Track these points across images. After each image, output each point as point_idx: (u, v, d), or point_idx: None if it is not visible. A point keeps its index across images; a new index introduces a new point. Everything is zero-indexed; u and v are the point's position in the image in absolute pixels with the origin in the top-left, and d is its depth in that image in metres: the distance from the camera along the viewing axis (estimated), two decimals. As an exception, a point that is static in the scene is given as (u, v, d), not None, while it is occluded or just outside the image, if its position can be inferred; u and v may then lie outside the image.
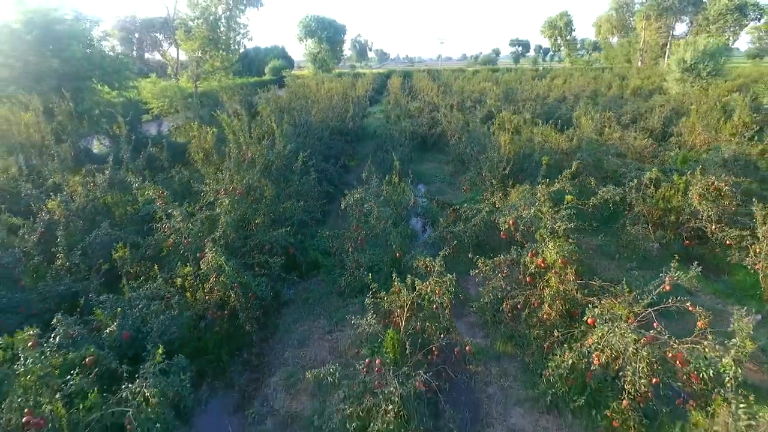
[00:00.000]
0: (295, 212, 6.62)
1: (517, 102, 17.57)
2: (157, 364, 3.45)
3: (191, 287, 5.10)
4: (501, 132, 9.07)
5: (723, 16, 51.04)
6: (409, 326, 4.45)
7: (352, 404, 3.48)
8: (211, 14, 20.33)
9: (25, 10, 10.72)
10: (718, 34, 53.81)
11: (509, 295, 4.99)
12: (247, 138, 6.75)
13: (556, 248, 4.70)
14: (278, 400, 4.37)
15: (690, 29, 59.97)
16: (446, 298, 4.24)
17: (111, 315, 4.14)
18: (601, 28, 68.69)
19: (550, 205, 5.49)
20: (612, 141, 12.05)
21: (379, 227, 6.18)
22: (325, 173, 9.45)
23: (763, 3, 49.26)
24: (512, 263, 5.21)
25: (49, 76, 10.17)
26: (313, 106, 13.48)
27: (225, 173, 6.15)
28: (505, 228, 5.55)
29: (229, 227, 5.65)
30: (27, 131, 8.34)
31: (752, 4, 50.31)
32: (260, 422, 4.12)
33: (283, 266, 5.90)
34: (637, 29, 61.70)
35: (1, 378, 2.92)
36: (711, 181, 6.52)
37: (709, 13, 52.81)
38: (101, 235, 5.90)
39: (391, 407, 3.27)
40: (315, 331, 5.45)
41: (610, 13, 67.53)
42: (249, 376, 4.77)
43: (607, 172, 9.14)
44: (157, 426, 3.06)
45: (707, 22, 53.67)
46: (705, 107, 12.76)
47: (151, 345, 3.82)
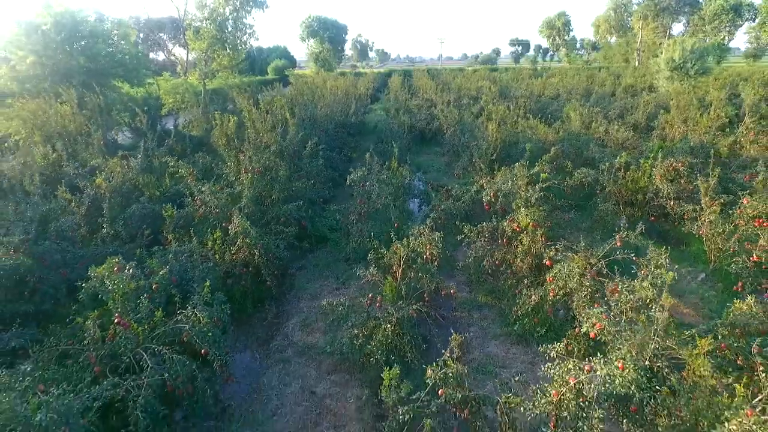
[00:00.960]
0: (305, 190, 7.55)
1: (511, 99, 18.46)
2: (204, 296, 4.38)
3: (220, 249, 6.02)
4: (489, 122, 10.00)
5: (718, 16, 51.89)
6: (405, 277, 5.37)
7: (357, 327, 4.40)
8: (219, 15, 21.25)
9: (54, 13, 11.65)
10: (714, 34, 54.75)
11: (489, 255, 5.91)
12: (262, 125, 7.68)
13: (528, 214, 5.62)
14: (296, 336, 5.30)
15: (686, 29, 60.89)
16: (434, 251, 5.16)
17: (161, 264, 5.05)
18: (599, 28, 69.50)
19: (527, 181, 6.41)
20: (598, 134, 13.05)
21: (380, 202, 7.10)
22: (331, 161, 10.38)
23: (758, 3, 50.04)
24: (493, 229, 6.13)
25: (77, 73, 11.12)
26: (319, 101, 14.41)
27: (247, 153, 7.09)
28: (487, 200, 6.47)
29: (250, 201, 6.58)
30: (63, 121, 9.27)
31: (747, 5, 51.13)
32: (282, 351, 5.05)
33: (295, 236, 6.84)
34: (635, 29, 62.47)
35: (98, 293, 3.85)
36: (671, 162, 7.43)
37: (705, 14, 53.70)
38: (139, 209, 6.84)
39: (389, 325, 4.19)
40: (325, 287, 6.38)
41: (609, 13, 68.30)
42: (270, 321, 5.70)
43: (587, 159, 10.07)
44: (210, 335, 3.98)
45: (703, 22, 54.57)
46: (683, 103, 13.65)
47: (196, 284, 4.74)
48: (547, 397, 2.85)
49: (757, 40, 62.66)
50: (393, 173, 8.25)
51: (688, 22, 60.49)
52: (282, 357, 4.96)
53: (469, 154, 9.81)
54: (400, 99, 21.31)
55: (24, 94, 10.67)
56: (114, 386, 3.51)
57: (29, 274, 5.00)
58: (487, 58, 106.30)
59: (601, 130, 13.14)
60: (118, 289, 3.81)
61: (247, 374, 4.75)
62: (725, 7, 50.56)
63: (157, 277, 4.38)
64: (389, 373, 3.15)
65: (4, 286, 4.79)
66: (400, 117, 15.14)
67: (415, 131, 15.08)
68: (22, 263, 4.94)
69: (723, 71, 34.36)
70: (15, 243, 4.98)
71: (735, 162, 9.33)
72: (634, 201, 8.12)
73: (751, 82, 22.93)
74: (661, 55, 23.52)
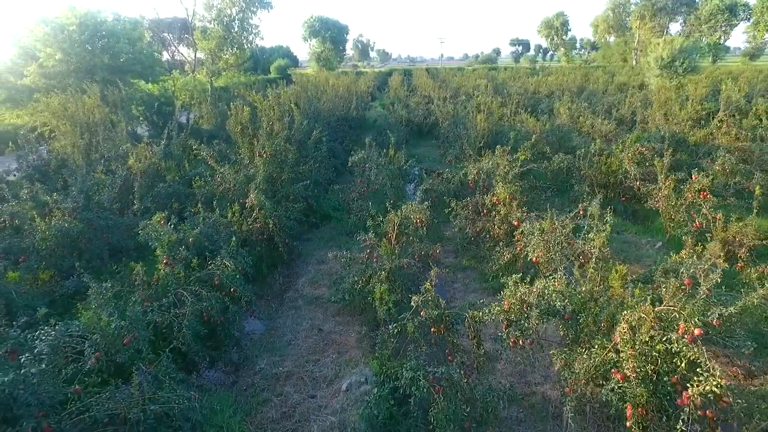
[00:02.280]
0: (311, 173, 8.46)
1: (505, 95, 19.34)
2: (230, 250, 5.29)
3: (238, 220, 6.92)
4: (478, 113, 10.90)
5: (714, 16, 52.65)
6: (399, 240, 6.27)
7: (357, 275, 5.31)
8: (226, 16, 22.16)
9: (78, 14, 12.59)
10: (710, 33, 55.53)
11: (471, 224, 6.82)
12: (273, 114, 8.59)
13: (505, 188, 6.52)
14: (305, 291, 6.22)
15: (683, 29, 61.66)
16: (423, 218, 6.06)
17: (191, 227, 5.96)
18: (598, 28, 70.28)
19: (507, 162, 7.30)
20: (585, 127, 13.96)
21: (378, 183, 8.01)
22: (333, 150, 11.29)
23: (753, 3, 50.80)
24: (476, 203, 7.03)
25: (100, 70, 12.06)
26: (321, 97, 15.33)
27: (260, 140, 8.01)
28: (471, 178, 7.37)
29: (263, 180, 7.48)
30: (90, 113, 10.20)
31: (742, 5, 51.89)
32: (294, 301, 5.96)
33: (302, 212, 7.75)
34: (633, 29, 63.17)
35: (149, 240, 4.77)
36: (637, 148, 8.32)
37: (701, 13, 54.48)
38: (165, 187, 7.76)
39: (383, 272, 5.09)
40: (330, 251, 7.28)
41: (607, 13, 69.03)
42: (283, 280, 6.61)
43: (569, 147, 10.95)
44: (237, 278, 4.89)
45: (699, 22, 55.35)
46: (664, 98, 14.53)
47: (222, 244, 5.65)
48: (500, 307, 3.75)
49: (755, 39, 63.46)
50: (390, 159, 9.17)
51: (685, 21, 61.29)
52: (294, 305, 5.88)
53: (460, 143, 10.72)
54: (400, 96, 22.24)
55: (51, 89, 11.61)
56: (162, 314, 4.42)
57: (80, 236, 5.93)
58: (487, 57, 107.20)
59: (588, 123, 14.04)
60: (164, 237, 4.72)
61: (265, 318, 5.67)
62: (720, 7, 51.33)
63: (191, 233, 5.29)
64: (380, 288, 4.05)
65: (62, 244, 5.71)
66: (397, 111, 16.04)
67: (412, 125, 15.99)
68: (74, 226, 5.86)
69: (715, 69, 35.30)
70: (69, 209, 5.90)
71: (701, 149, 10.20)
72: (607, 183, 9.00)
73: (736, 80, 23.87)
74: (650, 53, 24.35)
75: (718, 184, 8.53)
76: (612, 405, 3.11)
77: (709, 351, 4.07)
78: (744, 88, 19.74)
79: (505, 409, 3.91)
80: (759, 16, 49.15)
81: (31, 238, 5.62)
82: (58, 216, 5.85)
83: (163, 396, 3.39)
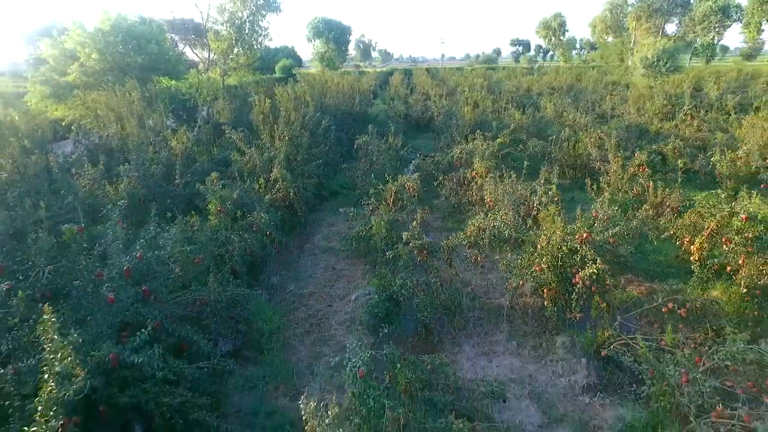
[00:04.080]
0: (321, 155, 10.01)
1: (496, 93, 20.86)
2: (264, 206, 6.83)
3: (264, 190, 8.46)
4: (466, 106, 12.42)
5: (707, 17, 53.97)
6: (395, 204, 7.80)
7: (361, 226, 6.85)
8: (238, 19, 23.72)
9: (111, 18, 14.17)
10: (704, 34, 56.87)
11: (455, 194, 8.35)
12: (290, 105, 10.14)
13: (481, 163, 8.05)
14: (320, 244, 7.76)
15: (679, 29, 62.98)
16: (415, 186, 7.59)
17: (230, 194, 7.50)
18: (596, 28, 71.54)
19: (484, 144, 8.83)
20: (568, 121, 15.48)
21: (379, 162, 9.55)
22: (339, 139, 12.84)
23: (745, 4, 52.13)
24: (459, 177, 8.56)
25: (134, 68, 13.63)
26: (327, 93, 16.88)
27: (280, 125, 9.56)
28: (456, 157, 8.90)
29: (283, 159, 9.02)
30: (129, 106, 11.77)
31: (735, 6, 53.22)
32: (312, 251, 7.52)
33: (315, 187, 9.28)
34: (629, 29, 64.41)
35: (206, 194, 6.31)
36: (597, 134, 9.83)
37: (695, 15, 55.83)
38: (201, 165, 9.31)
39: (383, 223, 6.62)
40: (339, 220, 8.83)
41: (605, 14, 70.26)
42: (301, 237, 8.15)
43: (547, 136, 12.47)
44: (271, 225, 6.43)
45: (693, 23, 56.70)
46: (637, 95, 16.05)
47: (256, 204, 7.19)
48: (464, 234, 5.28)
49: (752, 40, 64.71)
50: (389, 144, 10.71)
51: (680, 22, 62.62)
52: (312, 253, 7.43)
53: (450, 132, 12.26)
54: (400, 94, 23.76)
55: (90, 86, 13.20)
56: (218, 247, 5.95)
57: (142, 198, 7.48)
58: (487, 58, 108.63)
59: (570, 117, 15.57)
60: (217, 192, 6.27)
61: (290, 261, 7.22)
62: (713, 8, 52.65)
63: (234, 193, 6.83)
64: (380, 224, 5.59)
65: (130, 203, 7.26)
66: (397, 107, 17.58)
67: (410, 119, 17.52)
68: (138, 191, 7.42)
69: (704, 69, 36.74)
70: (135, 177, 7.46)
71: (660, 137, 11.72)
72: (575, 164, 10.52)
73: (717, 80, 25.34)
74: (636, 54, 25.80)
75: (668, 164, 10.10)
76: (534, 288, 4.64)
77: (625, 277, 5.66)
78: (721, 87, 21.27)
79: (470, 310, 5.45)
80: (750, 17, 50.49)
81: (107, 199, 7.16)
82: (125, 183, 7.40)
83: (230, 290, 4.93)
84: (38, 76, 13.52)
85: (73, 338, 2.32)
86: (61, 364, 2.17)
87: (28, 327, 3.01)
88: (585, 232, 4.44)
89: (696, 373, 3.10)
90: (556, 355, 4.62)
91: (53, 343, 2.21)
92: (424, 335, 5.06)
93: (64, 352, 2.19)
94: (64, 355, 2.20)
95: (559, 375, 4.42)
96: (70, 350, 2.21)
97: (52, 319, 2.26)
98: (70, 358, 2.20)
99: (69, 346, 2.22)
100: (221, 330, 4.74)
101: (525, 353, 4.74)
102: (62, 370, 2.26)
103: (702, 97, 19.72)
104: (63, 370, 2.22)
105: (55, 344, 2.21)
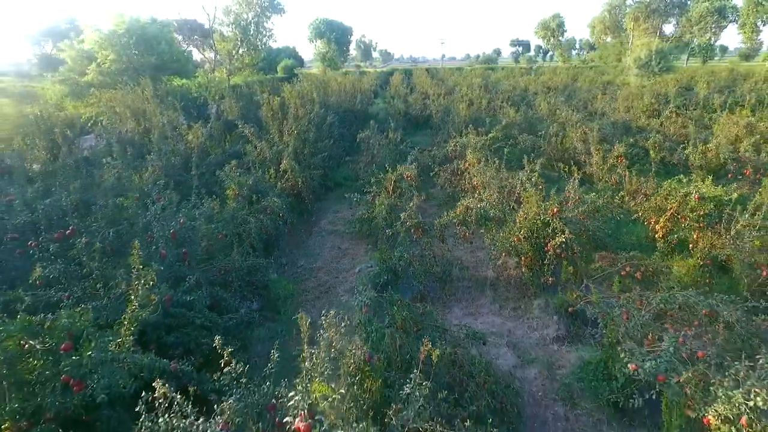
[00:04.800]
0: (326, 148, 10.77)
1: (493, 92, 21.61)
2: (277, 191, 7.59)
3: (275, 180, 9.22)
4: (461, 103, 13.18)
5: (704, 18, 54.70)
6: (395, 191, 8.55)
7: (364, 210, 7.61)
8: (243, 20, 24.48)
9: (126, 21, 14.95)
10: (700, 35, 57.59)
11: (450, 183, 9.10)
12: (299, 102, 10.92)
13: (473, 155, 8.80)
14: (326, 227, 8.53)
15: (676, 30, 63.72)
16: (412, 174, 8.35)
17: (246, 181, 8.25)
18: (595, 29, 72.28)
19: (476, 138, 9.58)
20: (560, 118, 16.25)
21: (380, 155, 10.30)
22: (342, 135, 13.60)
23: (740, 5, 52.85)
24: (453, 168, 9.32)
25: (147, 68, 14.41)
26: (330, 92, 17.65)
27: (289, 121, 10.33)
28: (451, 150, 9.66)
29: (291, 151, 9.78)
30: (144, 104, 12.54)
31: (731, 7, 53.93)
32: (319, 233, 8.27)
33: (321, 178, 10.04)
34: (627, 30, 65.09)
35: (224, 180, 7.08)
36: (582, 129, 10.58)
37: (692, 15, 56.57)
38: (215, 158, 10.08)
39: (384, 205, 7.38)
40: (343, 208, 9.59)
41: (604, 14, 70.97)
42: (309, 222, 8.91)
43: (537, 131, 13.23)
44: (283, 207, 7.19)
45: (690, 24, 57.44)
46: (626, 94, 16.80)
47: (268, 191, 7.94)
48: (454, 212, 6.04)
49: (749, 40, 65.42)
50: (389, 139, 11.48)
51: (677, 23, 63.36)
52: (319, 235, 8.20)
53: (446, 127, 13.02)
54: (400, 93, 24.51)
55: (106, 85, 13.97)
56: (237, 226, 6.71)
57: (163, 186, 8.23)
58: (487, 58, 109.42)
59: (563, 115, 16.33)
60: (235, 177, 7.03)
61: (299, 241, 7.98)
62: (710, 9, 53.37)
63: (249, 179, 7.59)
64: (378, 201, 6.35)
65: (155, 190, 8.02)
66: (397, 105, 18.34)
67: (410, 117, 18.28)
68: (160, 178, 8.17)
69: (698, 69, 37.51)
70: (158, 166, 8.23)
71: (643, 133, 12.47)
72: (562, 157, 11.26)
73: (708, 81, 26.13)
74: (630, 54, 26.56)
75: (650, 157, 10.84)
76: (517, 263, 5.40)
77: (600, 254, 6.36)
78: (710, 87, 22.01)
79: (460, 280, 6.21)
80: (745, 18, 51.20)
81: (133, 185, 7.92)
82: (150, 171, 8.16)
83: (250, 260, 5.70)
84: (57, 76, 14.32)
85: (155, 267, 3.08)
86: (145, 286, 2.93)
87: (99, 275, 3.78)
88: (555, 207, 5.20)
89: (635, 311, 3.85)
90: (532, 315, 5.38)
91: (139, 272, 2.97)
92: (420, 301, 5.81)
93: (148, 277, 2.95)
94: (147, 280, 2.95)
95: (533, 329, 5.18)
96: (153, 275, 2.97)
97: (138, 252, 3.02)
98: (152, 282, 2.96)
99: (152, 272, 2.98)
100: (244, 293, 5.50)
101: (506, 313, 5.51)
102: (142, 294, 3.02)
103: (692, 96, 20.50)
104: (144, 292, 2.98)
105: (141, 272, 2.96)
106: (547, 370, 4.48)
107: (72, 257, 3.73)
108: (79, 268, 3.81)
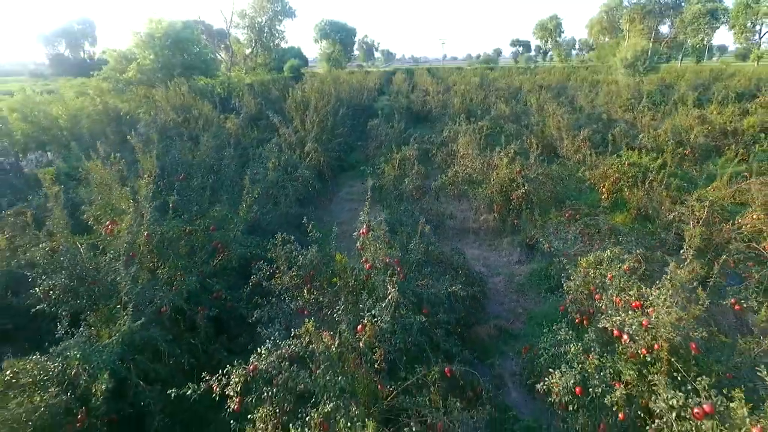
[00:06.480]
0: (342, 135, 12.73)
1: (487, 90, 23.54)
2: (305, 166, 9.54)
3: (300, 159, 11.14)
4: (455, 97, 15.11)
5: (697, 19, 56.49)
6: (400, 168, 10.47)
7: (374, 178, 9.56)
8: (257, 23, 26.43)
9: (163, 26, 16.91)
10: (694, 35, 59.40)
11: (445, 163, 11.03)
12: (317, 96, 12.91)
13: (465, 139, 10.74)
14: (344, 197, 10.48)
15: (671, 31, 65.53)
16: (413, 153, 10.28)
17: (281, 156, 10.16)
18: (593, 30, 74.06)
19: (470, 128, 11.51)
20: (548, 113, 18.19)
21: (386, 141, 12.24)
22: (353, 126, 15.58)
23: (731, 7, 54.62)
24: (448, 150, 11.26)
25: (180, 68, 16.36)
26: (340, 88, 19.63)
27: (310, 111, 12.31)
28: (445, 135, 11.60)
29: (313, 137, 11.73)
30: (182, 99, 14.51)
31: (722, 9, 55.73)
32: (338, 202, 10.23)
33: (337, 159, 12.00)
34: (624, 30, 66.85)
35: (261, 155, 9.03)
36: (557, 119, 12.51)
37: (685, 17, 58.37)
38: (246, 143, 12.03)
39: (391, 176, 9.30)
40: (357, 183, 11.52)
41: (601, 15, 72.71)
42: (329, 192, 10.87)
43: (525, 123, 15.16)
44: (313, 176, 9.14)
45: (684, 25, 59.26)
46: (607, 90, 18.71)
47: (298, 165, 9.88)
48: (446, 177, 7.97)
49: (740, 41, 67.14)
50: (394, 129, 13.42)
51: (672, 24, 65.16)
52: (338, 203, 10.16)
53: (443, 119, 14.96)
54: (402, 91, 26.46)
55: (143, 83, 15.94)
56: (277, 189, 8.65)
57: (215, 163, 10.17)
58: (487, 58, 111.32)
59: (551, 109, 18.26)
60: (275, 152, 8.99)
61: (323, 206, 9.93)
62: (702, 11, 55.16)
63: (284, 156, 9.54)
64: (388, 167, 8.30)
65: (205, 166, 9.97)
66: (400, 101, 20.29)
67: (411, 111, 20.22)
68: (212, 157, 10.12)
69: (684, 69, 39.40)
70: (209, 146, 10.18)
71: (614, 124, 14.39)
72: (542, 143, 13.16)
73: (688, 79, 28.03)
74: (617, 54, 28.46)
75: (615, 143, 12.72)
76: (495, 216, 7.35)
77: (558, 209, 8.15)
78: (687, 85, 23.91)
79: (450, 228, 8.14)
80: (735, 20, 52.99)
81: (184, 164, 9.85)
82: (203, 150, 10.10)
83: (294, 209, 7.64)
84: (101, 74, 16.29)
85: (255, 188, 5.05)
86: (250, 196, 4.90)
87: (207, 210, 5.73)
88: (518, 168, 7.13)
89: (563, 230, 5.77)
90: (502, 247, 7.32)
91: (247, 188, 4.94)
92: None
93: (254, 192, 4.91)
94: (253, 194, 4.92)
95: (502, 257, 7.11)
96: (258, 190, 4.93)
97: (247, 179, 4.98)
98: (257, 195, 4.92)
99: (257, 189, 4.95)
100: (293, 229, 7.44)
101: (484, 247, 7.44)
102: (248, 200, 4.97)
103: (672, 93, 22.40)
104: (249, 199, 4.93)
105: (249, 188, 4.93)
106: (508, 278, 6.42)
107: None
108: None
